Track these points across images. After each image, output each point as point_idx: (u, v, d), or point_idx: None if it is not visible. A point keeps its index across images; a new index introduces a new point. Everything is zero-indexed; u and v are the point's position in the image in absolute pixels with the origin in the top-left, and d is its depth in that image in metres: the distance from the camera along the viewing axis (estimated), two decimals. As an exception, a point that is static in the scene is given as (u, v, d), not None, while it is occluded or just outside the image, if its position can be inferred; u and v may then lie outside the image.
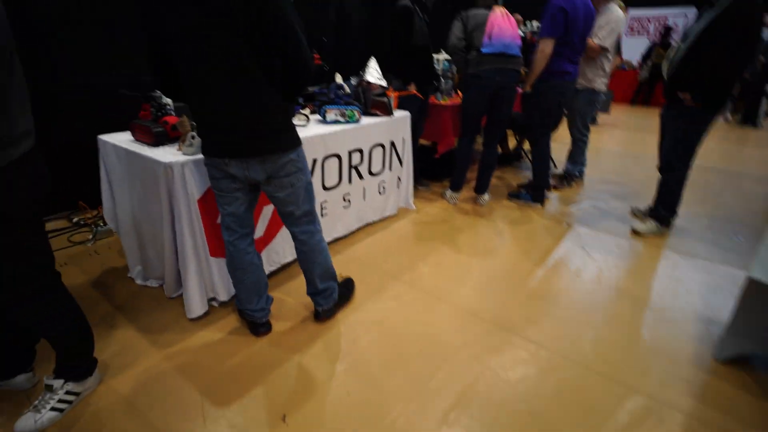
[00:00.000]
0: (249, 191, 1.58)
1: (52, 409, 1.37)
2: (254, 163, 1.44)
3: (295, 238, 1.71)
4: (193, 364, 1.64)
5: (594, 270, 2.38)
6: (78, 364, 1.44)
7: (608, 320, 1.95)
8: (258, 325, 1.79)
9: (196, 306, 1.85)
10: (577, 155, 3.70)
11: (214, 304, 1.96)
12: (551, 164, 3.23)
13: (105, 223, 2.51)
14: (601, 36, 3.20)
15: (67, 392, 1.40)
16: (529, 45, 3.60)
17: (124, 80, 2.77)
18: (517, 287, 2.19)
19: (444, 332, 1.84)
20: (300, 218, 1.64)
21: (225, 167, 1.48)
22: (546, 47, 2.75)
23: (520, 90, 3.24)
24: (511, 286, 2.20)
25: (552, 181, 3.58)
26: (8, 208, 1.10)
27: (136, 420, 1.40)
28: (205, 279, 1.88)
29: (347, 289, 2.03)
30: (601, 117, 7.08)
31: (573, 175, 3.73)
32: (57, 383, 1.39)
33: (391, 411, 1.45)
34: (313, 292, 1.83)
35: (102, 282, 2.16)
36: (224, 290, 1.96)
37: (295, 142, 1.50)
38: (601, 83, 3.38)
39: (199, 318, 1.87)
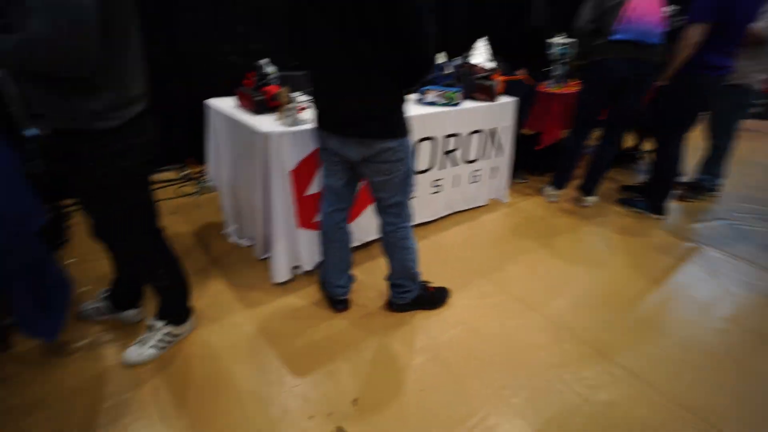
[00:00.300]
0: (348, 168, 1.54)
1: (153, 346, 1.49)
2: (351, 142, 1.41)
3: (379, 225, 1.64)
4: (275, 329, 1.67)
5: (728, 305, 1.97)
6: (175, 309, 1.54)
7: (747, 374, 1.60)
8: (336, 302, 1.78)
9: (281, 272, 1.90)
10: (713, 164, 3.11)
11: (298, 272, 2.00)
12: (679, 171, 2.75)
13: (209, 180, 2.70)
14: (763, 21, 2.55)
15: (166, 333, 1.52)
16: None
17: (236, 48, 2.91)
18: (624, 309, 1.90)
19: (533, 345, 1.66)
20: (388, 207, 1.57)
21: (326, 140, 1.48)
22: (693, 34, 2.27)
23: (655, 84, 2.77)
24: (616, 306, 1.91)
25: (677, 191, 3.07)
26: (122, 164, 1.18)
27: (220, 373, 1.47)
28: (291, 247, 1.91)
29: (434, 298, 1.84)
30: (750, 122, 5.90)
31: (704, 186, 3.15)
32: (158, 324, 1.51)
33: (466, 419, 1.34)
34: (389, 280, 1.77)
35: (201, 234, 2.32)
36: (309, 260, 1.98)
37: (399, 131, 1.41)
38: (756, 80, 2.74)
39: (283, 284, 1.92)
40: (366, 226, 2.17)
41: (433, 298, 1.84)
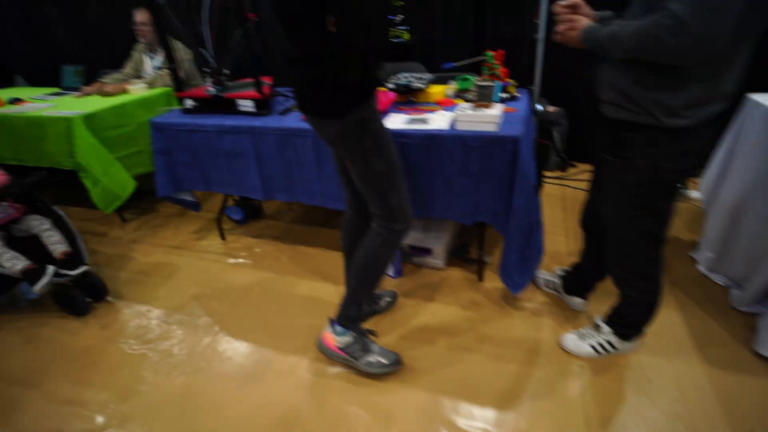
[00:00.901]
0: None
1: (592, 345, 1.46)
2: None
3: None
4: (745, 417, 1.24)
5: None
6: (630, 324, 1.41)
7: None
8: None
9: (776, 345, 1.35)
10: None
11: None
12: None
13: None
14: None
15: (608, 341, 1.44)
16: None
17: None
18: None
19: None
20: None
21: None
22: None
23: None
24: None
25: None
26: (671, 168, 1.08)
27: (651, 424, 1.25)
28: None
29: None
30: None
31: None
32: (604, 328, 1.45)
33: None
34: None
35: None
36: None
37: None
38: None
39: (772, 361, 1.37)
40: None
41: None
